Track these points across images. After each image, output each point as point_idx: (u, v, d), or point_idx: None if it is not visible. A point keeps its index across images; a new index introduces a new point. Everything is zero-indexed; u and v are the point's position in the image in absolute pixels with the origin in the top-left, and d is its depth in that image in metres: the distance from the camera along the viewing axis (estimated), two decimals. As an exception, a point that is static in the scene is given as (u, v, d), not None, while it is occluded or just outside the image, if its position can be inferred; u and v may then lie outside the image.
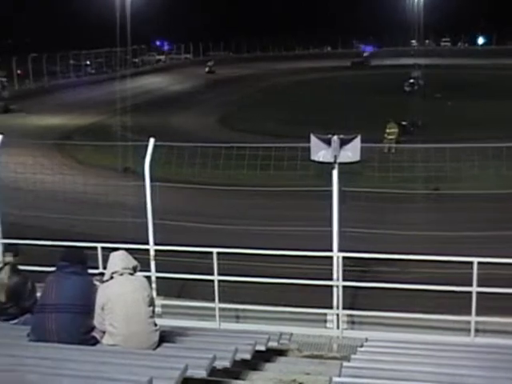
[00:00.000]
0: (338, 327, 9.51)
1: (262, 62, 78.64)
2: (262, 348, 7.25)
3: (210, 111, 46.39)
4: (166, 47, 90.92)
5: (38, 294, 7.18)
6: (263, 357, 7.41)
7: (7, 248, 8.62)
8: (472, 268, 8.68)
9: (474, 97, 45.79)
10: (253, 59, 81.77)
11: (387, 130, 29.30)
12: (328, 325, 9.69)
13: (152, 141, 10.05)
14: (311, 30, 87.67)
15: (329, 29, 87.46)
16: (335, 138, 9.05)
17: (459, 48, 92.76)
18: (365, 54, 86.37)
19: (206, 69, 72.73)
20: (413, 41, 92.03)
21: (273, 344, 7.70)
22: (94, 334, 6.37)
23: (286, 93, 56.45)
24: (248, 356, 6.73)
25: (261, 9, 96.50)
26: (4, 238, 10.56)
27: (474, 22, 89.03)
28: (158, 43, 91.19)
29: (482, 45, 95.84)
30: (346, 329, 9.56)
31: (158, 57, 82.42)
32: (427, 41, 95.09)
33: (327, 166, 9.29)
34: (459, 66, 70.03)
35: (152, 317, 6.41)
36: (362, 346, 7.18)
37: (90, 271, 6.96)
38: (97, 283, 6.62)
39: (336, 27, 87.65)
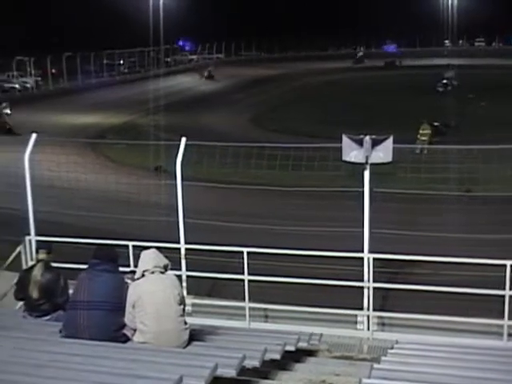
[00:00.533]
0: (368, 329, 9.47)
1: (294, 62, 78.62)
2: (292, 348, 7.24)
3: (242, 111, 46.47)
4: (187, 48, 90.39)
5: (71, 291, 7.25)
6: (293, 357, 7.39)
7: (40, 245, 8.71)
8: (504, 271, 8.60)
9: (508, 97, 45.18)
10: (285, 59, 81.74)
11: (420, 131, 29.09)
12: (358, 326, 9.65)
13: (183, 140, 10.10)
14: (345, 31, 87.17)
15: (363, 29, 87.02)
16: (367, 138, 8.99)
17: (493, 48, 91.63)
18: (359, 55, 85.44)
19: (205, 73, 67.71)
20: (446, 41, 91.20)
21: (302, 344, 7.69)
22: (125, 331, 6.43)
23: (317, 93, 56.32)
24: (277, 356, 6.73)
25: (293, 8, 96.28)
26: (37, 235, 10.69)
27: (508, 21, 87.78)
28: (180, 43, 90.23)
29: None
30: (377, 330, 9.52)
31: (190, 56, 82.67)
32: (461, 41, 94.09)
33: (359, 167, 9.25)
34: (493, 66, 69.19)
35: (182, 315, 6.45)
36: (392, 348, 7.15)
37: (122, 269, 7.02)
38: (128, 281, 6.68)
39: (370, 27, 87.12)
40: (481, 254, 9.80)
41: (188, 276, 10.14)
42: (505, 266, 8.62)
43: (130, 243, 9.99)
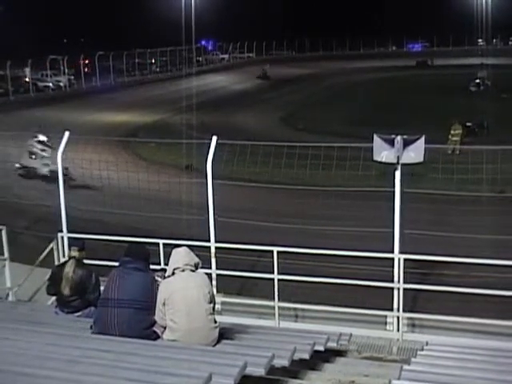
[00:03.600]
0: (398, 330, 9.42)
1: (326, 62, 78.46)
2: (321, 348, 7.23)
3: (273, 110, 46.43)
4: (210, 47, 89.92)
5: (102, 288, 7.31)
6: (322, 357, 7.38)
7: (73, 242, 8.79)
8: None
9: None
10: (316, 58, 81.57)
11: (451, 131, 28.81)
12: (388, 327, 9.61)
13: (214, 139, 10.14)
14: (377, 29, 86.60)
15: (393, 28, 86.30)
16: (398, 138, 8.93)
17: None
18: (265, 68, 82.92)
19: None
20: (479, 40, 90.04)
21: (332, 344, 7.68)
22: (155, 329, 6.47)
23: (348, 92, 56.08)
24: (307, 356, 6.72)
25: (325, 7, 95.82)
26: (69, 232, 10.79)
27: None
28: (203, 43, 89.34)
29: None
30: (406, 332, 9.46)
31: (221, 56, 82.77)
32: (495, 40, 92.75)
33: (390, 167, 9.19)
34: (528, 66, 68.12)
35: (212, 313, 6.47)
36: (422, 350, 7.11)
37: (152, 267, 7.06)
38: (158, 279, 6.72)
39: (401, 26, 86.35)
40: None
41: (218, 274, 10.17)
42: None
43: (161, 241, 10.06)
